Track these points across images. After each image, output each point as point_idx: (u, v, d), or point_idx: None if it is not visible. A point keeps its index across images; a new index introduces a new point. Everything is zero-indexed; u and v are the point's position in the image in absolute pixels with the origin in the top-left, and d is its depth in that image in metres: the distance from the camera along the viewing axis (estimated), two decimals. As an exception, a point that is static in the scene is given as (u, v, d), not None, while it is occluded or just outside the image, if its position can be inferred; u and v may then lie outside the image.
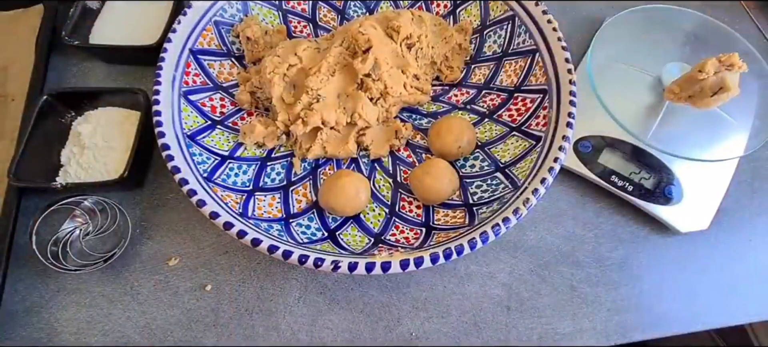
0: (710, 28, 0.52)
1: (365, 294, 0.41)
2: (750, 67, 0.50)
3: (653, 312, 0.41)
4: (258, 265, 0.42)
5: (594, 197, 0.46)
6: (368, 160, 0.45)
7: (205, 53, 0.46)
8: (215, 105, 0.45)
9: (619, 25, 0.51)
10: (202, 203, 0.35)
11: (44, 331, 0.39)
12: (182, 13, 0.45)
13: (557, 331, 0.40)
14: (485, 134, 0.45)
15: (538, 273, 0.42)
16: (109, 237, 0.43)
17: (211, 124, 0.44)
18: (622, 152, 0.45)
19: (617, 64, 0.50)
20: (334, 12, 0.53)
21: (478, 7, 0.51)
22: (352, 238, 0.39)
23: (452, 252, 0.33)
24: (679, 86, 0.45)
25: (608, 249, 0.44)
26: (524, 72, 0.46)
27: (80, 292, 0.40)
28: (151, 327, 0.39)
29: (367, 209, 0.41)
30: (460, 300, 0.41)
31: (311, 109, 0.42)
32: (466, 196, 0.41)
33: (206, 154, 0.42)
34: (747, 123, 0.47)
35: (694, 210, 0.43)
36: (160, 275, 0.41)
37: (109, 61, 0.53)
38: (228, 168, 0.42)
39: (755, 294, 0.42)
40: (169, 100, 0.41)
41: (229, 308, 0.40)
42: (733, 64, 0.42)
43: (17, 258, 0.42)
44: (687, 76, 0.44)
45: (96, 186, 0.43)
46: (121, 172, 0.42)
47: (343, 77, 0.44)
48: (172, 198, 0.45)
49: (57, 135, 0.45)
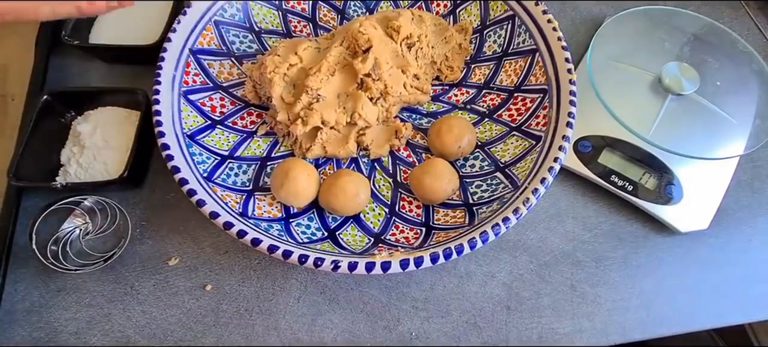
0: (710, 28, 0.52)
1: (365, 294, 0.41)
2: (750, 67, 0.50)
3: (653, 312, 0.41)
4: (258, 265, 0.42)
5: (594, 197, 0.46)
6: (368, 159, 0.45)
7: (205, 53, 0.46)
8: (215, 105, 0.45)
9: (619, 25, 0.51)
10: (201, 203, 0.35)
11: (44, 331, 0.39)
12: (182, 13, 0.45)
13: (557, 331, 0.40)
14: (485, 134, 0.45)
15: (538, 272, 0.42)
16: (109, 237, 0.42)
17: (211, 123, 0.44)
18: (622, 152, 0.45)
19: (617, 63, 0.50)
20: (334, 12, 0.53)
21: (478, 7, 0.51)
22: (352, 238, 0.39)
23: (452, 252, 0.33)
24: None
25: (608, 249, 0.44)
26: (524, 72, 0.46)
27: (80, 292, 0.40)
28: (151, 327, 0.39)
29: (367, 209, 0.41)
30: (460, 300, 0.41)
31: (311, 109, 0.42)
32: (466, 196, 0.41)
33: (206, 153, 0.42)
34: (747, 123, 0.47)
35: (694, 210, 0.43)
36: (160, 275, 0.41)
37: (109, 61, 0.53)
38: (228, 168, 0.42)
39: (755, 294, 0.42)
40: (169, 100, 0.41)
41: (229, 308, 0.40)
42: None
43: (17, 258, 0.42)
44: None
45: (96, 186, 0.43)
46: (121, 172, 0.42)
47: (343, 77, 0.44)
48: (172, 198, 0.45)
49: (57, 134, 0.45)
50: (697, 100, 0.48)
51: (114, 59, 0.53)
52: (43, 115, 0.45)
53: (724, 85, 0.49)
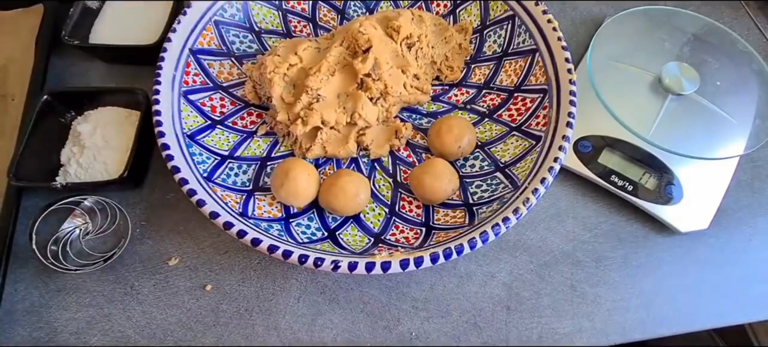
0: (710, 28, 0.52)
1: (365, 294, 0.41)
2: (750, 67, 0.50)
3: (653, 312, 0.41)
4: (258, 265, 0.42)
5: (594, 197, 0.46)
6: (368, 159, 0.45)
7: (205, 53, 0.46)
8: (215, 105, 0.45)
9: (619, 25, 0.51)
10: (201, 203, 0.35)
11: (44, 331, 0.39)
12: (182, 13, 0.45)
13: (557, 331, 0.40)
14: (485, 134, 0.45)
15: (538, 272, 0.42)
16: (109, 237, 0.42)
17: (211, 123, 0.44)
18: (621, 152, 0.45)
19: (617, 63, 0.50)
20: (334, 12, 0.53)
21: (478, 7, 0.51)
22: (352, 238, 0.39)
23: (452, 251, 0.33)
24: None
25: (608, 249, 0.44)
26: (524, 72, 0.46)
27: (80, 292, 0.40)
28: (151, 327, 0.39)
29: (367, 209, 0.41)
30: (460, 300, 0.41)
31: (311, 109, 0.42)
32: (466, 196, 0.41)
33: (206, 153, 0.42)
34: (747, 123, 0.47)
35: (694, 210, 0.43)
36: (160, 275, 0.41)
37: (109, 60, 0.53)
38: (228, 168, 0.42)
39: (755, 294, 0.42)
40: (169, 100, 0.41)
41: (229, 308, 0.40)
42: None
43: (17, 258, 0.42)
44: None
45: (96, 186, 0.43)
46: (121, 172, 0.42)
47: (343, 77, 0.44)
48: (172, 198, 0.45)
49: (57, 134, 0.45)
50: (697, 100, 0.48)
51: (114, 59, 0.53)
52: (43, 115, 0.45)
53: (724, 85, 0.49)
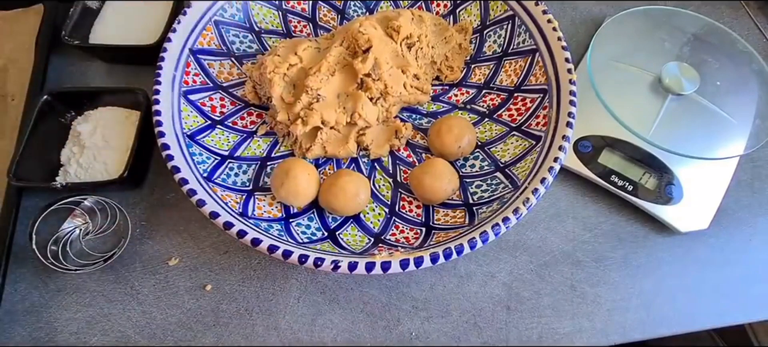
0: (710, 28, 0.52)
1: (365, 294, 0.41)
2: (750, 67, 0.50)
3: (653, 312, 0.41)
4: (258, 265, 0.42)
5: (594, 197, 0.46)
6: (368, 159, 0.45)
7: (205, 53, 0.46)
8: (215, 105, 0.45)
9: (619, 25, 0.51)
10: (202, 203, 0.35)
11: (44, 331, 0.39)
12: (182, 13, 0.45)
13: (557, 331, 0.40)
14: (485, 134, 0.45)
15: (538, 272, 0.42)
16: (109, 237, 0.42)
17: (211, 123, 0.44)
18: (621, 152, 0.45)
19: (617, 63, 0.50)
20: (334, 12, 0.53)
21: (478, 7, 0.51)
22: (352, 238, 0.39)
23: (452, 251, 0.33)
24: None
25: (608, 249, 0.44)
26: (524, 72, 0.46)
27: (80, 292, 0.40)
28: (151, 327, 0.39)
29: (367, 209, 0.41)
30: (460, 300, 0.41)
31: (311, 109, 0.42)
32: (466, 196, 0.41)
33: (206, 153, 0.42)
34: (747, 123, 0.47)
35: (694, 210, 0.43)
36: (160, 275, 0.41)
37: (109, 60, 0.53)
38: (228, 168, 0.42)
39: (755, 294, 0.42)
40: (169, 100, 0.41)
41: (229, 308, 0.40)
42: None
43: (17, 258, 0.42)
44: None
45: (96, 186, 0.43)
46: (121, 172, 0.42)
47: (343, 77, 0.44)
48: (172, 198, 0.45)
49: (57, 135, 0.45)
50: (697, 100, 0.48)
51: (114, 59, 0.53)
52: (43, 115, 0.45)
53: (724, 85, 0.49)
